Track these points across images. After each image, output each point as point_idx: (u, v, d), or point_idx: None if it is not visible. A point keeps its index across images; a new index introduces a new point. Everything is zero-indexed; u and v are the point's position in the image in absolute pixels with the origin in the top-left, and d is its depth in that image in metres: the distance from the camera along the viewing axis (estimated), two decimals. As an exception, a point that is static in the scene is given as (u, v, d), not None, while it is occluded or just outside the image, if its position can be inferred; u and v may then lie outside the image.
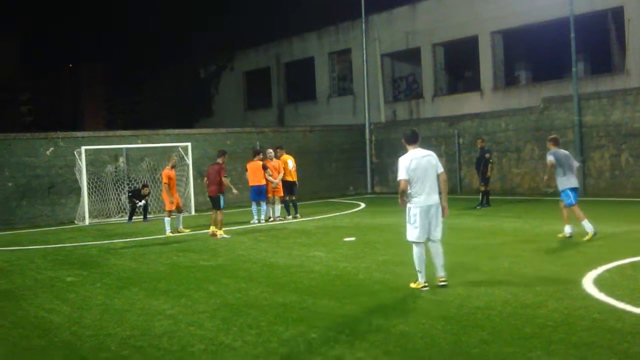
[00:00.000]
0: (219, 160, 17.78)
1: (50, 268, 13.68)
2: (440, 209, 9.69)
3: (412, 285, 9.72)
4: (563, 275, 10.26)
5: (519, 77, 33.97)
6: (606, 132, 24.51)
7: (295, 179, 21.65)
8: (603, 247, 12.93)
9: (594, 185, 24.82)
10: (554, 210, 20.49)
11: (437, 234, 9.67)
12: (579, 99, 24.95)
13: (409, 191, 9.67)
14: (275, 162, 21.09)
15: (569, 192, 14.18)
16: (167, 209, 18.93)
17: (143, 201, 23.64)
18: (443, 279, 9.67)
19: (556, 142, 14.54)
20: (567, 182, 14.18)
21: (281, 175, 20.95)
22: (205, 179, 18.34)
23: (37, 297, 10.56)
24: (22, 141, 24.06)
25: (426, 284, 9.57)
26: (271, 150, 21.54)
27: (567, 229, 14.31)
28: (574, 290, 9.19)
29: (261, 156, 21.11)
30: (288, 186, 21.31)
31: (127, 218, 23.80)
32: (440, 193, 9.81)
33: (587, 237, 13.73)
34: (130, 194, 24.17)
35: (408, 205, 9.73)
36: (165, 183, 18.72)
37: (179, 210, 19.30)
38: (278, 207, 21.24)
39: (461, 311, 8.32)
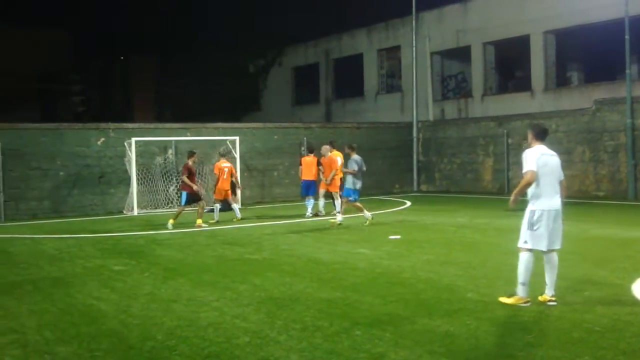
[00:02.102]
0: (190, 162, 19.17)
1: (99, 256, 13.91)
2: (561, 216, 8.69)
3: (506, 300, 8.66)
4: (612, 280, 10.10)
5: (571, 78, 33.48)
6: (660, 135, 24.04)
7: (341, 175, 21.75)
8: (654, 253, 12.70)
9: (646, 190, 24.38)
10: (603, 214, 20.20)
11: (558, 243, 8.70)
12: (632, 102, 24.50)
13: (533, 190, 8.62)
14: (327, 159, 21.14)
15: (355, 191, 18.12)
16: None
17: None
18: (554, 298, 8.65)
19: (354, 149, 18.59)
20: (359, 184, 18.21)
21: (333, 172, 20.76)
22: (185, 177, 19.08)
23: (85, 285, 10.74)
24: (74, 131, 24.50)
25: (529, 300, 8.54)
26: (327, 147, 21.54)
27: (339, 218, 18.24)
28: (623, 296, 9.05)
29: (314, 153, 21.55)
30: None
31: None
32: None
33: (367, 223, 18.05)
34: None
35: (530, 207, 8.64)
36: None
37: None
38: (338, 202, 20.93)
39: (507, 313, 8.24)
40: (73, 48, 67.96)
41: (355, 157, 18.31)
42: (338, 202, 21.11)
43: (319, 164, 21.31)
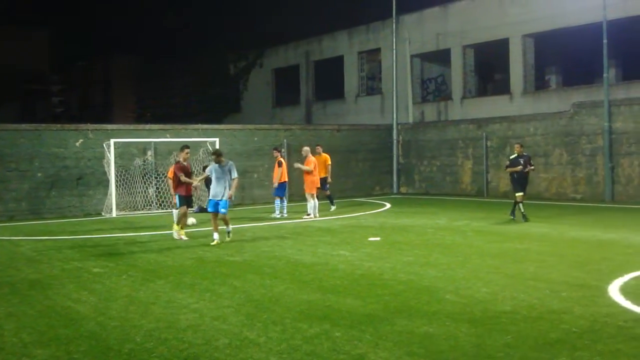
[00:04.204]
0: (181, 159, 17.03)
1: (78, 259, 13.82)
2: None
3: None
4: (589, 281, 10.19)
5: (549, 82, 33.73)
6: (636, 139, 24.26)
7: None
8: (630, 254, 12.81)
9: (622, 192, 24.58)
10: (581, 216, 20.36)
11: None
12: (609, 105, 24.73)
13: None
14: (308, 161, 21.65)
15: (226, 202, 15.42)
16: None
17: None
18: None
19: (221, 155, 15.58)
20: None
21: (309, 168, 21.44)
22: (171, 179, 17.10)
23: (63, 287, 10.67)
24: (53, 132, 24.31)
25: None
26: (306, 149, 22.13)
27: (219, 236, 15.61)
28: (600, 297, 9.13)
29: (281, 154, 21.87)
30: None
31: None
32: None
33: (214, 243, 15.29)
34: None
35: None
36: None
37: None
38: (311, 204, 21.29)
39: (486, 314, 8.29)
40: (53, 48, 67.55)
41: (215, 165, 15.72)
42: (310, 204, 21.21)
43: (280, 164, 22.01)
